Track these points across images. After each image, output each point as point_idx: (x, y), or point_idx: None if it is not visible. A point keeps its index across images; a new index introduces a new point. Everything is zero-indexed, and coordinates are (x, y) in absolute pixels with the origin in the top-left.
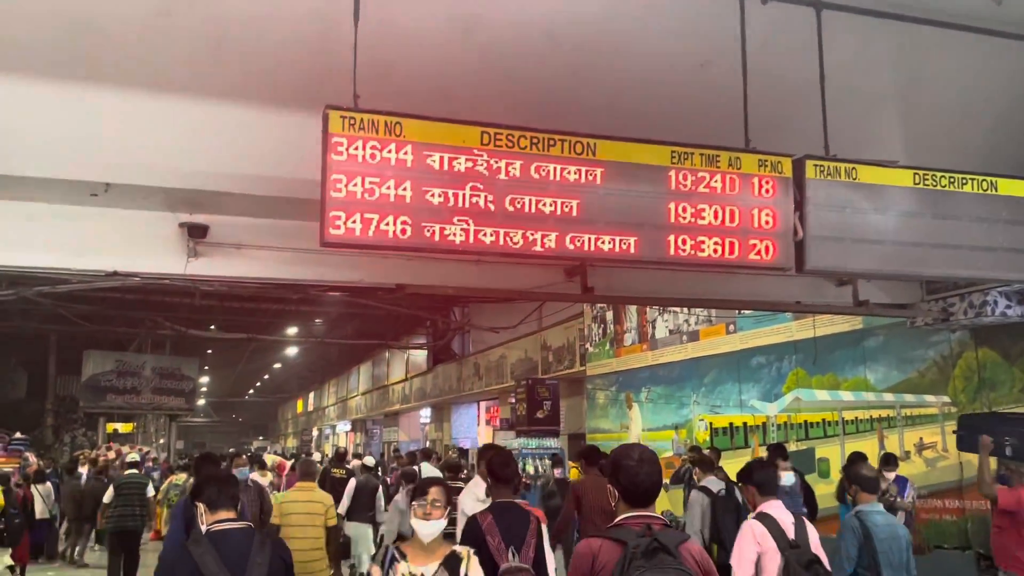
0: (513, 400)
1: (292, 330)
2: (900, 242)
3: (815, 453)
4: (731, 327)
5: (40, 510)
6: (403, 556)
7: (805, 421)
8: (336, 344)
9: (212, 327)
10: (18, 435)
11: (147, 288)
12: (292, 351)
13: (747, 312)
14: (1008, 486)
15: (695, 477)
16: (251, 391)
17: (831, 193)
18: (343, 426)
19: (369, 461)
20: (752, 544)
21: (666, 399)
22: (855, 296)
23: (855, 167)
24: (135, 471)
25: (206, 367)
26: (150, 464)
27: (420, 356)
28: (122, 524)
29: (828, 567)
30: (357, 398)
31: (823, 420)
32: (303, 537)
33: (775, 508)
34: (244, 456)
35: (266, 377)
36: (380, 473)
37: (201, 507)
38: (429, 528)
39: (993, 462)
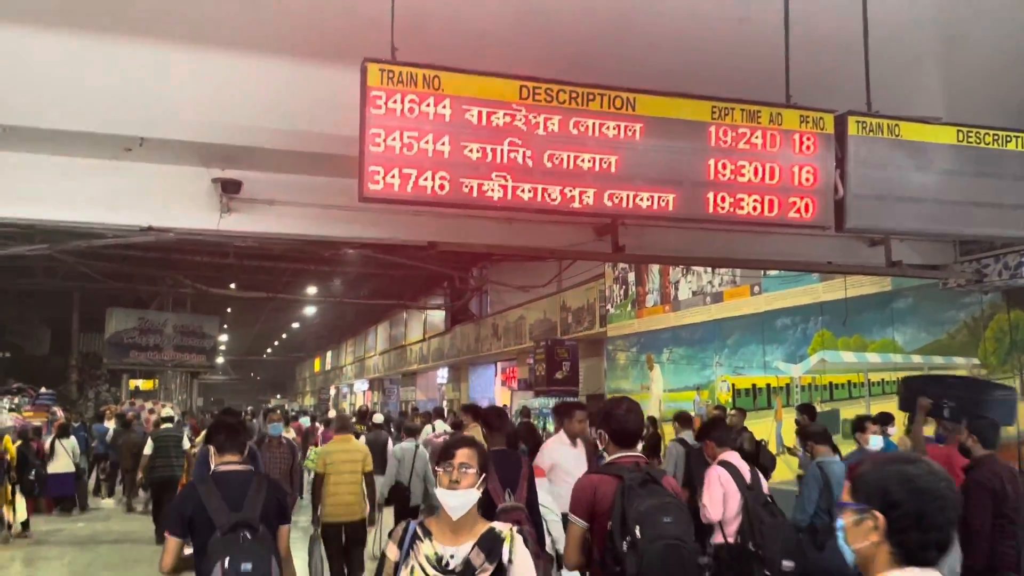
0: (532, 361)
1: (311, 290)
2: (941, 200)
3: (840, 414)
4: (756, 288)
5: (65, 463)
6: (427, 534)
7: (830, 383)
8: (354, 304)
9: (232, 286)
10: (44, 390)
11: (168, 246)
12: (310, 311)
13: (773, 273)
14: (944, 445)
15: (675, 431)
16: (269, 350)
17: (873, 150)
18: (360, 385)
19: (378, 418)
20: (719, 486)
21: (688, 360)
22: (888, 257)
23: (898, 123)
24: (170, 425)
25: (225, 325)
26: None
27: (438, 317)
28: (162, 473)
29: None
30: (375, 358)
31: (848, 382)
32: (345, 483)
33: (733, 457)
34: (278, 412)
35: (284, 336)
36: (391, 429)
37: (211, 449)
38: (456, 499)
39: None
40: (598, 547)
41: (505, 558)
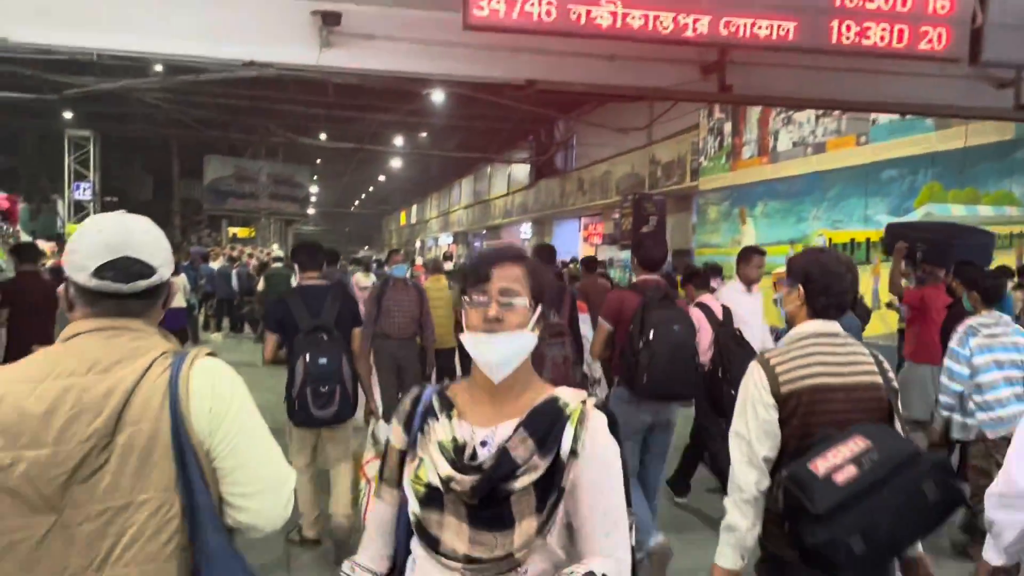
0: (618, 215)
1: (397, 140)
2: None
3: None
4: (863, 138)
5: (177, 299)
6: (446, 407)
7: None
8: (439, 157)
9: (322, 136)
10: None
11: (261, 94)
12: (396, 164)
13: (883, 121)
14: (920, 287)
15: None
16: (357, 202)
17: None
18: (445, 238)
19: (449, 267)
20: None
21: (783, 214)
22: (1017, 98)
23: None
24: (280, 265)
25: (315, 176)
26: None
27: (522, 171)
28: None
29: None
30: (459, 212)
31: None
32: (437, 316)
33: (707, 299)
34: (401, 253)
35: (371, 189)
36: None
37: (296, 267)
38: (496, 349)
39: None
40: (619, 345)
41: (566, 447)
